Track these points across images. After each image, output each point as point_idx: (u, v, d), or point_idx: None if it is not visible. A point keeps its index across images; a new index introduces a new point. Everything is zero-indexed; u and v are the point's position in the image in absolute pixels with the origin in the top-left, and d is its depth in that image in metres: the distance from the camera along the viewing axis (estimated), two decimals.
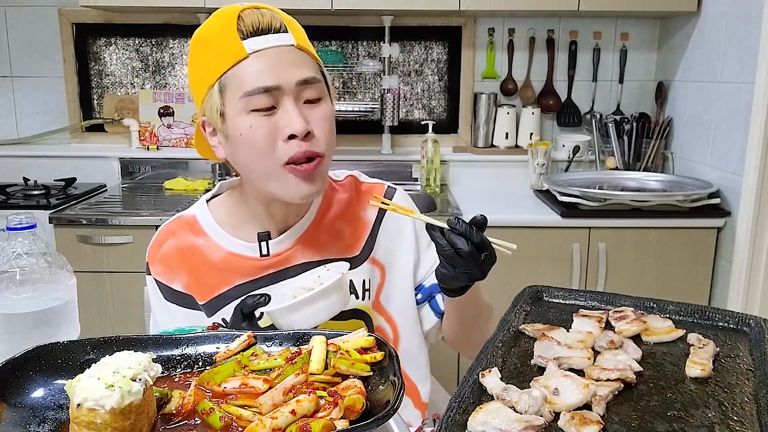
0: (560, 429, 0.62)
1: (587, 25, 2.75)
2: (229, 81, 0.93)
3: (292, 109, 0.92)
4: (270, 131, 0.92)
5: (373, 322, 1.09)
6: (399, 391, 0.63)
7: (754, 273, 2.11)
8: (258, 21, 0.93)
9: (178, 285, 1.06)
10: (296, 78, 0.93)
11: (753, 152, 2.07)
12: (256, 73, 0.91)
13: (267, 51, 0.92)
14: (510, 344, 0.81)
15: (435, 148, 2.64)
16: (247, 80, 0.91)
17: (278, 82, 0.92)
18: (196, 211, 1.09)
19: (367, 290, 1.08)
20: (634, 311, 0.86)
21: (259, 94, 0.91)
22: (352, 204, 1.11)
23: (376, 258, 1.10)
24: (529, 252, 2.21)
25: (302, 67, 0.94)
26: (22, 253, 0.90)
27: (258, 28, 0.93)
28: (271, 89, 0.91)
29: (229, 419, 0.63)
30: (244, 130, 0.93)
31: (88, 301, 2.21)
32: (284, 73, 0.92)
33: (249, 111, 0.92)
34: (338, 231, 1.08)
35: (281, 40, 0.93)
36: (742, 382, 0.71)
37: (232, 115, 0.94)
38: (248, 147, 0.93)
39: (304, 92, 0.94)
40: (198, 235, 1.07)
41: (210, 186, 2.65)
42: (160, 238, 1.09)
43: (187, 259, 1.06)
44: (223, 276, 1.05)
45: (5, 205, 2.33)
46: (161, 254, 1.07)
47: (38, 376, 0.69)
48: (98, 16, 2.74)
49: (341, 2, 2.35)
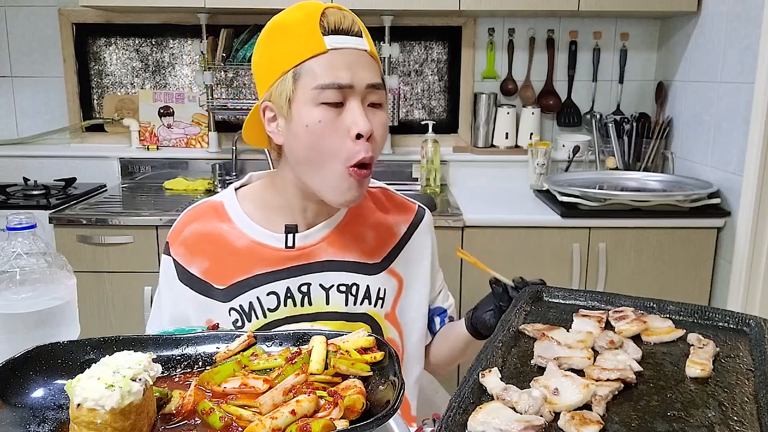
0: (560, 429, 0.62)
1: (587, 25, 2.75)
2: (304, 71, 0.95)
3: (359, 109, 0.96)
4: (337, 128, 0.95)
5: (382, 330, 1.11)
6: (399, 391, 0.63)
7: (754, 273, 2.11)
8: (340, 21, 0.97)
9: (195, 269, 1.07)
10: (367, 81, 0.96)
11: (753, 152, 2.07)
12: (332, 69, 0.94)
13: (345, 50, 0.96)
14: (510, 344, 0.81)
15: (435, 148, 2.64)
16: (322, 73, 0.94)
17: (352, 81, 0.95)
18: (224, 198, 1.11)
19: (381, 299, 1.10)
20: (634, 311, 0.86)
21: (332, 89, 0.94)
22: (381, 213, 1.14)
23: (396, 270, 1.13)
24: (529, 252, 2.21)
25: (373, 72, 0.98)
26: (22, 253, 0.90)
27: (339, 28, 0.96)
28: (344, 86, 0.95)
29: (229, 419, 0.63)
30: (311, 122, 0.95)
31: (88, 301, 2.21)
32: (358, 74, 0.95)
33: (318, 103, 0.95)
34: (363, 236, 1.11)
35: (358, 44, 0.97)
36: (742, 382, 0.71)
37: (301, 104, 0.96)
38: (313, 139, 0.96)
39: (371, 95, 0.98)
40: (223, 221, 1.08)
41: (210, 186, 2.65)
42: (184, 220, 1.10)
43: (210, 243, 1.07)
44: (244, 263, 1.06)
45: (5, 205, 2.33)
46: (183, 236, 1.08)
47: (38, 376, 0.69)
48: (98, 16, 2.74)
49: (341, 2, 2.34)
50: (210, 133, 2.77)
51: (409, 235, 1.15)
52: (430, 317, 1.19)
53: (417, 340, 1.17)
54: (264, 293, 1.05)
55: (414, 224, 1.16)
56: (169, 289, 1.09)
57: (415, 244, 1.15)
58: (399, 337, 1.14)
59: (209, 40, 2.63)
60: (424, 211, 1.19)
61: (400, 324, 1.14)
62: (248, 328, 1.05)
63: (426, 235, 1.17)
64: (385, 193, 1.18)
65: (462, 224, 2.18)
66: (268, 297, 1.05)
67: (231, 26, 2.65)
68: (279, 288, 1.05)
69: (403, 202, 1.19)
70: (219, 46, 2.60)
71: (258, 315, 1.05)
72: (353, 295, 1.08)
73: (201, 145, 2.83)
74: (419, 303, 1.16)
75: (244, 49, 2.59)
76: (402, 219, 1.16)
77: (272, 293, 1.05)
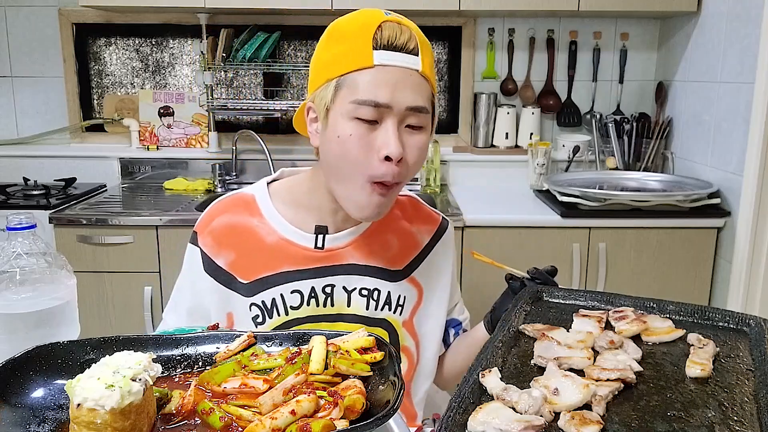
0: (560, 429, 0.62)
1: (587, 25, 2.75)
2: (346, 82, 0.94)
3: (393, 131, 0.93)
4: (367, 144, 0.94)
5: (399, 337, 1.11)
6: (399, 391, 0.63)
7: (754, 273, 2.11)
8: (395, 36, 0.94)
9: (222, 261, 1.07)
10: (408, 103, 0.94)
11: (753, 152, 2.07)
12: (373, 85, 0.92)
13: (392, 68, 0.93)
14: (510, 344, 0.81)
15: (435, 148, 2.64)
16: (363, 89, 0.93)
17: (390, 101, 0.92)
18: (255, 192, 1.11)
19: (401, 306, 1.11)
20: (634, 311, 0.86)
21: (368, 106, 0.92)
22: (407, 222, 1.14)
23: (417, 279, 1.13)
24: (529, 252, 2.21)
25: (418, 94, 0.95)
26: (22, 253, 0.90)
27: (392, 44, 0.93)
28: (381, 105, 0.92)
29: (229, 419, 0.63)
30: (343, 134, 0.94)
31: (88, 301, 2.21)
32: (399, 95, 0.93)
33: (353, 117, 0.93)
34: (389, 243, 1.11)
35: (409, 62, 0.94)
36: (742, 382, 0.71)
37: (336, 114, 0.95)
38: (343, 151, 0.95)
39: (410, 118, 0.95)
40: (254, 216, 1.08)
41: (210, 186, 2.65)
42: (213, 210, 1.10)
43: (238, 237, 1.07)
44: (272, 260, 1.06)
45: (5, 205, 2.33)
46: (212, 227, 1.08)
47: (38, 376, 0.69)
48: (98, 16, 2.74)
49: (341, 2, 2.35)
50: (210, 133, 2.77)
51: (432, 246, 1.15)
52: (445, 328, 1.19)
53: (432, 352, 1.17)
54: (288, 291, 1.05)
55: (437, 235, 1.16)
56: (191, 279, 1.09)
57: (437, 255, 1.16)
58: (415, 347, 1.14)
59: (209, 40, 2.63)
60: (448, 224, 1.19)
61: (417, 334, 1.14)
62: (269, 325, 1.05)
63: (449, 247, 1.18)
64: (413, 202, 1.18)
65: (462, 224, 2.18)
66: (292, 295, 1.05)
67: (231, 26, 2.65)
68: (304, 287, 1.05)
69: (429, 212, 1.19)
70: (219, 46, 2.60)
71: (280, 312, 1.05)
72: (374, 300, 1.08)
73: (201, 145, 2.83)
74: (437, 314, 1.16)
75: (244, 49, 2.59)
76: (426, 229, 1.16)
77: (296, 291, 1.05)
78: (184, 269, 1.11)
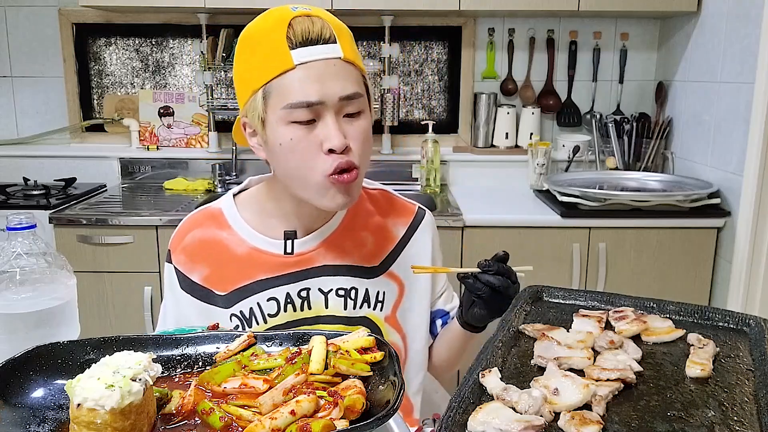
0: (560, 429, 0.62)
1: (587, 25, 2.75)
2: (273, 90, 0.93)
3: (332, 124, 0.92)
4: (311, 144, 0.93)
5: (382, 333, 1.10)
6: (399, 391, 0.63)
7: (754, 273, 2.11)
8: (308, 30, 0.92)
9: (196, 277, 1.07)
10: (339, 93, 0.92)
11: (753, 152, 2.07)
12: (300, 86, 0.91)
13: (314, 63, 0.92)
14: (510, 344, 0.80)
15: (435, 148, 2.64)
16: (291, 92, 0.91)
17: (322, 98, 0.91)
18: (222, 205, 1.10)
19: (380, 302, 1.10)
20: (634, 311, 0.86)
21: (301, 107, 0.91)
22: (380, 216, 1.13)
23: (395, 273, 1.12)
24: (529, 252, 2.21)
25: (347, 81, 0.94)
26: (22, 253, 0.90)
27: (307, 39, 0.92)
28: (313, 104, 0.91)
29: (229, 419, 0.63)
30: (284, 141, 0.93)
31: (88, 301, 2.21)
32: (328, 88, 0.92)
33: (289, 122, 0.93)
34: (362, 240, 1.10)
35: (329, 53, 0.93)
36: (742, 382, 0.71)
37: (272, 123, 0.94)
38: (289, 157, 0.94)
39: (346, 107, 0.94)
40: (222, 229, 1.08)
41: (210, 186, 2.65)
42: (184, 227, 1.10)
43: (210, 251, 1.07)
44: (245, 270, 1.06)
45: (5, 205, 2.33)
46: (184, 244, 1.09)
47: (38, 376, 0.69)
48: (98, 16, 2.74)
49: (341, 2, 2.35)
50: (210, 133, 2.77)
51: (408, 238, 1.14)
52: (432, 319, 1.19)
53: (420, 344, 1.16)
54: (264, 299, 1.05)
55: (413, 226, 1.15)
56: (173, 298, 1.10)
57: (415, 246, 1.14)
58: (402, 340, 1.14)
59: (209, 40, 2.63)
60: (424, 213, 1.17)
61: (402, 328, 1.13)
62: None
63: (426, 236, 1.16)
64: (385, 195, 1.17)
65: (462, 224, 2.18)
66: (269, 303, 1.05)
67: (231, 26, 2.65)
68: (279, 294, 1.05)
69: (403, 204, 1.17)
70: (219, 46, 2.60)
71: (258, 321, 1.05)
72: (352, 299, 1.08)
73: (201, 145, 2.83)
74: (421, 306, 1.15)
75: None
76: (401, 221, 1.14)
77: (272, 299, 1.05)
78: (165, 287, 1.11)
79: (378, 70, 2.73)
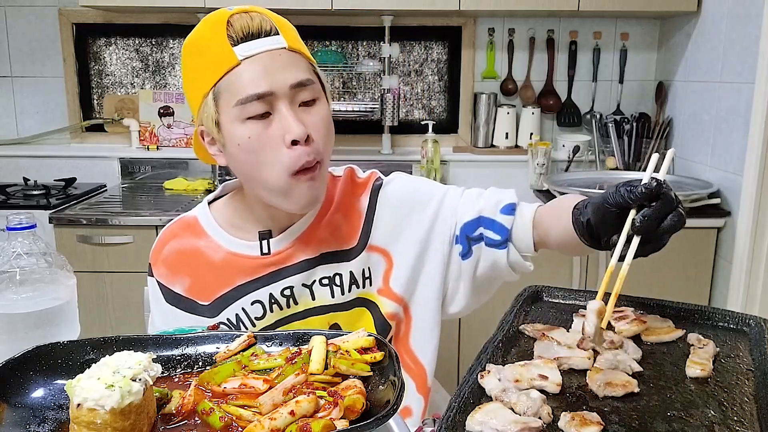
0: (560, 429, 0.62)
1: (587, 25, 2.75)
2: (222, 89, 0.92)
3: (288, 113, 0.91)
4: (270, 139, 0.91)
5: (380, 307, 1.08)
6: (399, 391, 0.63)
7: (754, 273, 2.11)
8: (248, 25, 0.92)
9: (179, 288, 1.06)
10: (290, 81, 0.91)
11: (753, 152, 2.07)
12: (249, 80, 0.90)
13: (259, 56, 0.91)
14: (510, 344, 0.81)
15: (435, 148, 2.64)
16: (240, 87, 0.90)
17: (271, 87, 0.90)
18: (197, 213, 1.10)
19: (368, 278, 1.07)
20: (634, 311, 0.86)
21: (252, 101, 0.90)
22: (346, 196, 1.10)
23: (376, 245, 1.08)
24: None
25: (295, 69, 0.93)
26: (22, 253, 0.90)
27: (248, 33, 0.91)
28: (264, 95, 0.90)
29: (229, 419, 0.63)
30: (242, 140, 0.92)
31: (88, 301, 2.21)
32: (277, 78, 0.91)
33: (244, 119, 0.91)
34: (336, 224, 1.08)
35: (273, 44, 0.92)
36: (742, 382, 0.71)
37: (227, 124, 0.93)
38: (249, 156, 0.93)
39: (299, 95, 0.93)
40: (199, 237, 1.07)
41: (210, 186, 2.65)
42: (162, 239, 1.10)
43: (189, 261, 1.06)
44: (224, 276, 1.05)
45: (5, 205, 2.33)
46: (163, 256, 1.08)
47: (38, 376, 0.69)
48: (98, 16, 2.74)
49: (341, 2, 2.35)
50: None
51: (373, 207, 1.09)
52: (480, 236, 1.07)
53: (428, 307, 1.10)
54: (248, 303, 1.04)
55: (374, 195, 1.09)
56: (159, 311, 1.09)
57: (384, 213, 1.09)
58: (402, 310, 1.09)
59: None
60: (382, 180, 1.12)
61: (400, 296, 1.08)
62: None
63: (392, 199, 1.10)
64: (350, 173, 1.12)
65: None
66: (253, 306, 1.04)
67: None
68: (262, 296, 1.04)
69: (364, 178, 1.12)
70: None
71: (246, 326, 1.04)
72: (338, 285, 1.06)
73: None
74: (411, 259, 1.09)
75: None
76: (363, 194, 1.10)
77: (256, 302, 1.04)
78: (150, 302, 1.10)
79: (378, 70, 2.73)
